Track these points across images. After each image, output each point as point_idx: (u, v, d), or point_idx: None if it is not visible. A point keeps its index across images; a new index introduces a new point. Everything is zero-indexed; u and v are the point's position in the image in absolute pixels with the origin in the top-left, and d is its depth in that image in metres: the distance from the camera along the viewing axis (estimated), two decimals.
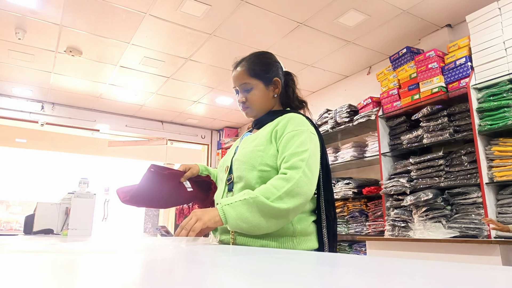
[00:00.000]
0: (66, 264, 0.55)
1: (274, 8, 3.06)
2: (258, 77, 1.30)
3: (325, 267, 0.53)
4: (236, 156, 1.22)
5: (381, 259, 0.62)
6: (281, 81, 1.33)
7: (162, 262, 0.60)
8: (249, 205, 1.01)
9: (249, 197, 1.01)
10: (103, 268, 0.52)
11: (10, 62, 4.05)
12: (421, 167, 3.02)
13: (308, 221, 1.17)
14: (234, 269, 0.48)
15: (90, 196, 2.12)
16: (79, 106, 5.50)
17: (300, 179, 1.04)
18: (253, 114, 1.33)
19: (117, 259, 0.62)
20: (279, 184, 1.04)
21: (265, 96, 1.30)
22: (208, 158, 6.57)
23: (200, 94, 4.99)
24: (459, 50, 2.90)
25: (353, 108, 3.81)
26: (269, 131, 1.20)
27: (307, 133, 1.15)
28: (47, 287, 0.35)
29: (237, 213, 1.00)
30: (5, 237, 1.90)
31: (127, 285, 0.36)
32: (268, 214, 1.01)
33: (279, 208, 1.01)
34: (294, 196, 1.03)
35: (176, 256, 0.70)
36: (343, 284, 0.38)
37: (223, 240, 1.17)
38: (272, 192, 1.02)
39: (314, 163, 1.11)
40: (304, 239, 1.14)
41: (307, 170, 1.07)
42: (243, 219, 1.00)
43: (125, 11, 3.12)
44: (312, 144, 1.14)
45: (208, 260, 0.62)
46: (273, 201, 1.01)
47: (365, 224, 3.54)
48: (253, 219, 1.01)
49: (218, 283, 0.36)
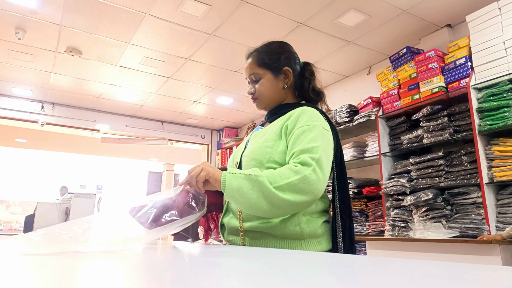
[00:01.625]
0: (67, 266, 0.55)
1: (274, 8, 3.06)
2: (267, 67, 1.24)
3: (325, 267, 0.53)
4: (245, 152, 1.17)
5: (381, 259, 0.62)
6: (293, 72, 1.26)
7: (165, 262, 0.60)
8: (251, 181, 0.96)
9: (253, 174, 0.96)
10: (103, 268, 0.52)
11: (10, 62, 4.05)
12: (421, 167, 3.02)
13: (318, 223, 1.10)
14: (230, 270, 0.48)
15: (90, 196, 2.12)
16: (79, 106, 5.50)
17: (308, 176, 0.97)
18: (262, 106, 1.27)
19: (117, 259, 0.61)
20: (285, 174, 0.97)
21: (274, 86, 1.24)
22: (208, 158, 6.57)
23: (200, 94, 4.99)
24: (459, 50, 2.90)
25: (353, 108, 3.81)
26: (279, 126, 1.14)
27: (319, 129, 1.08)
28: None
29: (237, 184, 0.96)
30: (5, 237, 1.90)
31: (128, 285, 0.36)
32: (267, 198, 0.95)
33: (278, 196, 0.94)
34: (297, 192, 0.96)
35: (176, 255, 0.70)
36: (343, 284, 0.38)
37: (231, 241, 1.15)
38: (276, 180, 0.96)
39: (326, 162, 1.03)
40: (314, 241, 1.08)
41: (318, 168, 0.99)
42: (241, 193, 0.96)
43: (125, 11, 3.12)
44: (324, 141, 1.06)
45: (210, 260, 0.62)
46: (275, 188, 0.95)
47: (365, 224, 3.54)
48: (252, 197, 0.96)
49: (215, 283, 0.36)
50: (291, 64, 1.27)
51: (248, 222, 1.10)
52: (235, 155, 1.26)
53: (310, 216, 1.09)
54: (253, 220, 1.09)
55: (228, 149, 6.20)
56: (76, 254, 0.66)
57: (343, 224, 1.11)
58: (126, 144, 6.24)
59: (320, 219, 1.11)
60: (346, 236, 1.10)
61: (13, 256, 0.61)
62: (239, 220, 1.11)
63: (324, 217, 1.13)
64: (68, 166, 10.11)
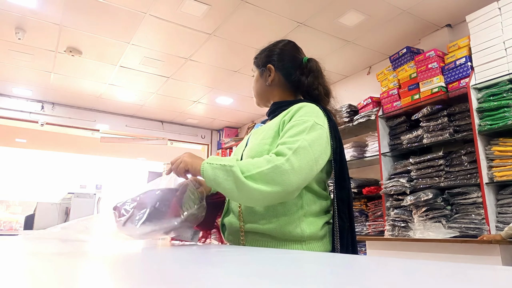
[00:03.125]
0: (66, 266, 0.55)
1: (274, 8, 3.06)
2: (256, 64, 1.32)
3: (324, 267, 0.53)
4: (245, 150, 1.17)
5: (381, 259, 0.62)
6: (276, 68, 1.26)
7: (165, 262, 0.60)
8: (226, 172, 0.97)
9: (227, 164, 0.97)
10: (103, 268, 0.52)
11: (10, 62, 4.05)
12: (421, 167, 3.02)
13: (319, 224, 1.07)
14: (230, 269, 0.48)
15: (90, 196, 2.13)
16: (79, 106, 5.50)
17: (280, 166, 0.94)
18: (256, 102, 1.34)
19: (116, 259, 0.61)
20: (258, 163, 0.97)
21: (260, 84, 1.30)
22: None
23: (200, 94, 4.99)
24: (459, 50, 2.90)
25: (353, 108, 3.81)
26: (277, 123, 1.14)
27: (309, 124, 1.05)
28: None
29: (213, 175, 0.98)
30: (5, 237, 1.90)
31: (128, 285, 0.36)
32: (239, 187, 0.95)
33: (249, 185, 0.94)
34: (268, 182, 0.94)
35: (176, 256, 0.69)
36: (343, 284, 0.38)
37: (231, 241, 1.15)
38: (249, 169, 0.96)
39: (306, 154, 0.99)
40: (315, 243, 1.06)
41: (293, 158, 0.96)
42: (217, 183, 0.98)
43: (125, 11, 3.12)
44: (310, 135, 1.02)
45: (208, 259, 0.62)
46: (246, 178, 0.95)
47: (365, 224, 3.54)
48: (226, 187, 0.97)
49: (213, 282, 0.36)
50: (274, 60, 1.27)
51: (249, 223, 1.09)
52: (236, 153, 1.26)
53: (311, 217, 1.07)
54: (254, 221, 1.08)
55: (228, 149, 6.20)
56: (76, 254, 0.66)
57: (341, 225, 1.07)
58: (124, 144, 6.23)
59: (321, 220, 1.09)
60: (344, 237, 1.06)
61: (19, 254, 0.61)
62: (240, 220, 1.10)
63: (326, 218, 1.11)
64: (68, 166, 10.11)
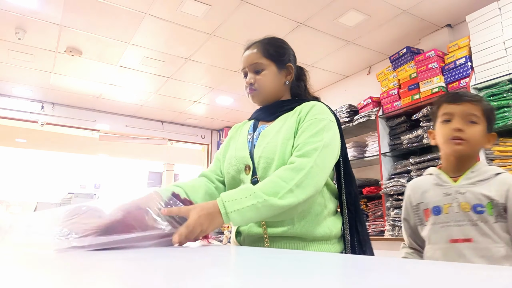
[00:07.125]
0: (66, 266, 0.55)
1: (274, 8, 3.05)
2: (272, 59, 1.22)
3: (324, 267, 0.53)
4: (261, 153, 1.10)
5: (381, 259, 0.62)
6: (294, 69, 1.26)
7: (165, 262, 0.60)
8: (258, 209, 0.92)
9: (257, 202, 0.91)
10: (103, 268, 0.52)
11: (10, 62, 4.05)
12: (421, 167, 3.02)
13: (339, 222, 1.12)
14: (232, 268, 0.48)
15: (90, 196, 2.12)
16: (79, 106, 5.49)
17: (312, 169, 0.97)
18: (259, 99, 1.21)
19: (116, 259, 0.61)
20: (288, 176, 0.95)
21: (276, 80, 1.20)
22: (208, 158, 6.57)
23: (200, 94, 4.99)
24: (459, 50, 2.90)
25: (353, 108, 3.81)
26: (294, 121, 1.11)
27: (326, 122, 1.07)
28: None
29: (244, 219, 0.92)
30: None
31: (127, 285, 0.36)
32: (276, 212, 0.94)
33: (289, 205, 0.93)
34: (305, 187, 0.95)
35: (176, 256, 0.69)
36: (343, 284, 0.38)
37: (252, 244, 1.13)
38: (282, 186, 0.93)
39: (329, 153, 1.03)
40: (335, 241, 1.10)
41: (319, 159, 0.99)
42: (249, 221, 0.97)
43: (125, 11, 3.12)
44: (329, 134, 1.05)
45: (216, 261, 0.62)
46: (283, 197, 0.92)
47: None
48: (263, 218, 0.97)
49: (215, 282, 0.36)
50: (293, 62, 1.28)
51: (273, 227, 1.06)
52: (240, 157, 1.15)
53: (333, 216, 1.11)
54: (280, 226, 1.05)
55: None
56: (76, 254, 0.66)
57: (350, 216, 1.11)
58: (124, 144, 6.22)
59: (339, 218, 1.13)
60: (353, 228, 1.10)
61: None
62: (263, 227, 1.07)
63: (341, 218, 1.14)
64: (68, 166, 10.11)
